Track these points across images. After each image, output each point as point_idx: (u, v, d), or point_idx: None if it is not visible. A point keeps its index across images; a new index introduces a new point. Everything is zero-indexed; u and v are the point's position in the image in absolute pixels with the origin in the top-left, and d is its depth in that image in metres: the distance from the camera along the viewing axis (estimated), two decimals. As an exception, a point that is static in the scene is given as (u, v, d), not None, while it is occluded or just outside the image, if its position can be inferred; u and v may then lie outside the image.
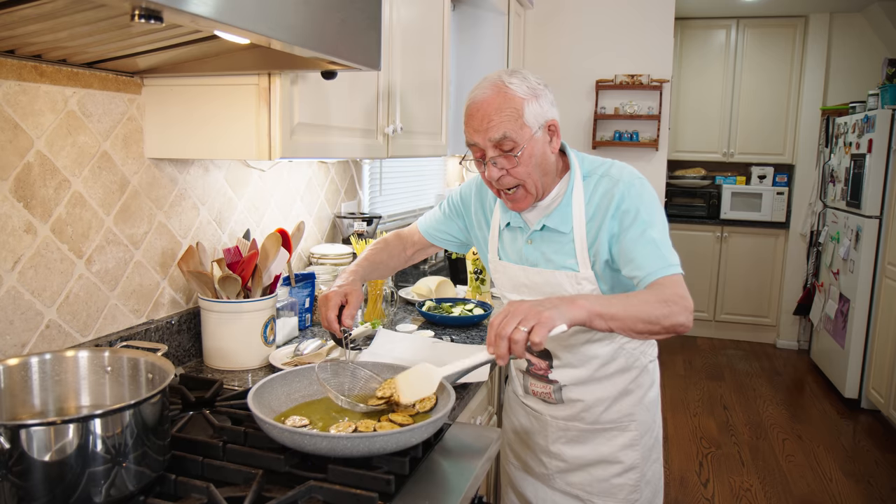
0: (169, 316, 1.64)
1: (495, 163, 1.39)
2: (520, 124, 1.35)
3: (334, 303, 1.46)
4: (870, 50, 5.28)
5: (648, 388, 1.60)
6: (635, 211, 1.39)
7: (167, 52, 1.27)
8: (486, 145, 1.38)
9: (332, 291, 1.49)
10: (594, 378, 1.55)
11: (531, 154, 1.38)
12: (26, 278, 1.27)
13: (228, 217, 1.84)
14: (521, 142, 1.36)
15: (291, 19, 0.99)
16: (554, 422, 1.61)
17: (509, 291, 1.60)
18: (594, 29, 3.94)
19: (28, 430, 0.85)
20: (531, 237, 1.50)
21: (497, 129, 1.35)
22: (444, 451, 1.21)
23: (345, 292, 1.49)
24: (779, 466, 3.50)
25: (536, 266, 1.51)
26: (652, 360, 1.63)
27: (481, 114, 1.37)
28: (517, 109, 1.35)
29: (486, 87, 1.38)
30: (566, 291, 1.47)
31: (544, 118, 1.39)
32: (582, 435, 1.59)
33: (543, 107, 1.38)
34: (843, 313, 4.49)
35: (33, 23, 0.99)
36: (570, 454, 1.61)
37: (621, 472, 1.59)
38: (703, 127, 5.74)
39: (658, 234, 1.38)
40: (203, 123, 1.46)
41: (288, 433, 1.06)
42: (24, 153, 1.25)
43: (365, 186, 2.66)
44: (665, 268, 1.34)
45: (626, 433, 1.58)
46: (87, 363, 1.13)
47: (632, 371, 1.57)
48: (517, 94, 1.35)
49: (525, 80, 1.38)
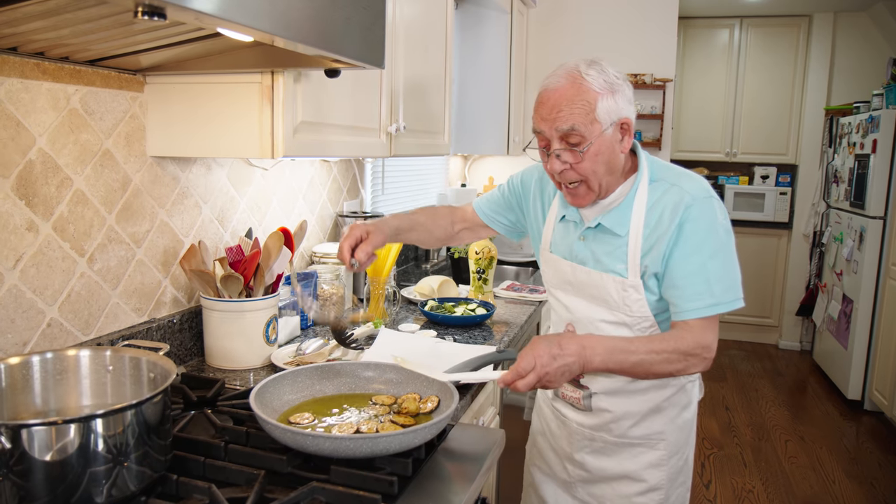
0: (171, 315, 1.64)
1: (559, 155, 1.33)
2: (591, 119, 1.29)
3: (354, 234, 1.46)
4: (874, 49, 5.26)
5: (683, 408, 1.52)
6: (697, 235, 1.32)
7: (170, 50, 1.27)
8: (553, 136, 1.32)
9: (354, 224, 1.49)
10: (626, 390, 1.48)
11: (598, 151, 1.32)
12: (28, 277, 1.27)
13: (231, 216, 1.84)
14: (589, 137, 1.30)
15: (295, 16, 0.99)
16: (580, 430, 1.55)
17: (555, 287, 1.56)
18: (597, 28, 3.93)
19: (29, 429, 0.84)
20: (584, 234, 1.45)
21: (566, 120, 1.29)
22: (447, 453, 1.20)
23: (367, 229, 1.49)
24: (781, 468, 3.49)
25: (585, 265, 1.45)
26: (692, 380, 1.54)
27: (552, 103, 1.31)
28: (590, 103, 1.29)
29: (561, 76, 1.31)
30: (611, 297, 1.41)
31: (618, 115, 1.32)
32: (607, 447, 1.53)
33: (619, 103, 1.31)
34: (846, 314, 4.48)
35: (36, 20, 0.98)
36: (593, 465, 1.55)
37: (644, 492, 1.51)
38: (706, 126, 5.73)
39: (715, 264, 1.32)
40: (206, 121, 1.45)
41: (290, 433, 1.05)
42: (26, 151, 1.24)
43: (367, 185, 2.66)
44: (708, 307, 1.30)
45: (653, 451, 1.50)
46: (89, 362, 1.12)
47: (668, 388, 1.49)
48: (592, 87, 1.29)
49: (603, 73, 1.31)
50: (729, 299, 1.32)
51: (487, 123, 3.46)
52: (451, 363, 1.49)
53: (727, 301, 1.32)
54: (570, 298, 1.51)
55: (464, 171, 4.14)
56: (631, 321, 1.41)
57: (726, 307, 1.32)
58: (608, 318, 1.44)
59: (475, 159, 4.16)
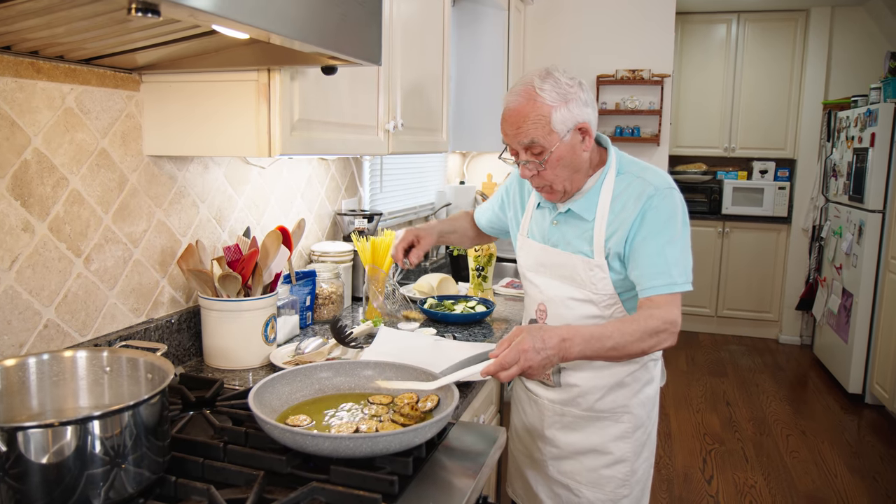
0: (168, 315, 1.63)
1: (526, 164, 1.49)
2: (547, 130, 1.44)
3: (406, 238, 1.77)
4: (871, 43, 5.25)
5: (645, 383, 1.64)
6: (658, 222, 1.46)
7: (166, 48, 1.26)
8: (518, 148, 1.48)
9: (408, 230, 1.77)
10: (593, 365, 1.60)
11: (559, 157, 1.46)
12: (24, 277, 1.26)
13: (228, 215, 1.83)
14: (548, 147, 1.45)
15: (292, 13, 0.98)
16: (551, 406, 1.67)
17: (529, 269, 1.69)
18: (594, 24, 3.92)
19: (25, 432, 0.84)
20: (556, 218, 1.60)
21: (526, 135, 1.45)
22: (447, 451, 1.19)
23: (418, 234, 1.78)
24: (783, 462, 3.49)
25: (556, 247, 1.60)
26: (654, 359, 1.67)
27: (512, 120, 1.46)
28: (545, 117, 1.43)
29: (519, 93, 1.46)
30: (579, 275, 1.55)
31: (574, 122, 1.45)
32: (576, 422, 1.64)
33: (573, 111, 1.45)
34: (846, 308, 4.47)
35: (30, 17, 0.97)
36: (563, 440, 1.66)
37: (611, 464, 1.62)
38: (704, 122, 5.72)
39: (673, 250, 1.45)
40: (202, 120, 1.44)
41: (290, 434, 1.04)
42: (21, 151, 1.23)
43: (365, 183, 2.65)
44: (667, 286, 1.43)
45: (618, 424, 1.62)
46: (86, 363, 1.12)
47: (631, 364, 1.61)
48: (546, 102, 1.43)
49: (556, 85, 1.44)
50: (682, 281, 1.45)
51: (485, 120, 3.45)
52: (451, 361, 1.48)
53: (681, 283, 1.44)
54: (542, 279, 1.65)
55: (462, 168, 4.13)
56: (597, 298, 1.55)
57: (680, 288, 1.44)
58: (576, 295, 1.57)
59: (473, 156, 4.15)
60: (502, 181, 3.96)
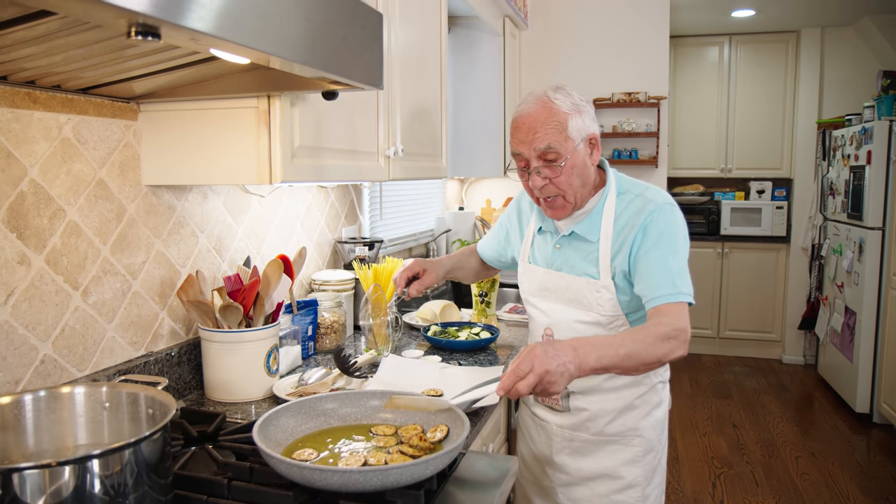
0: (168, 347, 1.59)
1: (539, 172, 1.47)
2: (564, 136, 1.44)
3: (412, 268, 1.73)
4: (862, 62, 5.30)
5: (655, 406, 1.62)
6: (659, 235, 1.45)
7: (164, 76, 1.24)
8: (531, 155, 1.47)
9: (417, 260, 1.74)
10: (602, 388, 1.58)
11: (573, 165, 1.46)
12: (20, 312, 1.23)
13: (228, 244, 1.80)
14: (564, 153, 1.45)
15: (292, 36, 0.96)
16: (559, 431, 1.64)
17: (532, 295, 1.67)
18: (589, 48, 3.94)
19: (21, 473, 0.79)
20: (559, 242, 1.59)
21: (542, 140, 1.44)
22: (459, 483, 1.15)
23: (424, 267, 1.75)
24: (794, 485, 3.43)
25: (560, 270, 1.58)
26: (662, 381, 1.65)
27: (527, 126, 1.46)
28: (561, 123, 1.44)
29: (532, 102, 1.47)
30: (585, 298, 1.53)
31: (586, 132, 1.48)
32: (585, 447, 1.61)
33: (586, 121, 1.47)
34: (849, 326, 4.44)
35: (26, 46, 0.96)
36: (573, 466, 1.63)
37: (622, 489, 1.59)
38: (700, 144, 5.74)
39: (676, 262, 1.44)
40: (201, 148, 1.42)
41: (297, 468, 1.00)
42: (17, 182, 1.21)
43: (365, 211, 2.63)
44: (672, 295, 1.40)
45: (629, 448, 1.59)
46: (84, 399, 1.08)
47: (640, 387, 1.59)
48: (562, 109, 1.45)
49: (569, 97, 1.47)
50: (687, 292, 1.42)
51: (483, 146, 3.44)
52: (458, 388, 1.45)
53: (686, 293, 1.42)
54: (547, 304, 1.63)
55: (461, 194, 4.12)
56: (604, 320, 1.53)
57: (686, 298, 1.41)
58: (583, 318, 1.55)
59: (472, 182, 4.14)
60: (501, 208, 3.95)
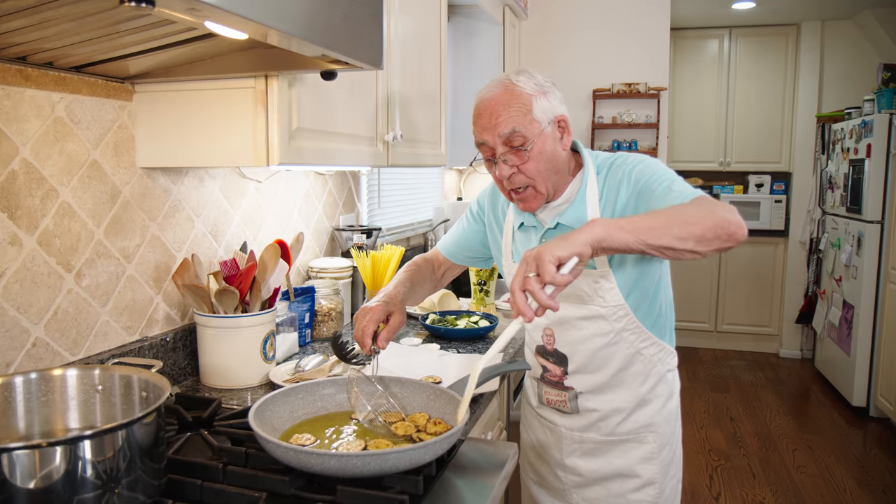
0: (163, 333, 1.57)
1: (505, 160, 1.36)
2: (528, 119, 1.34)
3: (375, 317, 1.36)
4: (862, 56, 5.28)
5: (668, 398, 1.53)
6: (655, 173, 1.35)
7: (159, 55, 1.21)
8: (496, 142, 1.36)
9: (375, 304, 1.39)
10: (610, 385, 1.48)
11: (541, 150, 1.35)
12: (11, 293, 1.20)
13: (224, 230, 1.78)
14: (530, 136, 1.34)
15: (291, 10, 0.94)
16: (569, 434, 1.55)
17: None
18: (589, 39, 3.92)
19: (10, 454, 0.77)
20: (546, 236, 1.46)
21: (506, 124, 1.33)
22: (457, 469, 1.13)
23: (389, 311, 1.41)
24: (791, 478, 3.42)
25: None
26: (671, 369, 1.55)
27: (489, 111, 1.35)
28: (525, 105, 1.34)
29: (494, 86, 1.37)
30: (583, 291, 1.43)
31: (553, 113, 1.37)
32: (597, 448, 1.53)
33: (552, 102, 1.37)
34: (847, 320, 4.44)
35: (16, 17, 0.93)
36: (585, 468, 1.55)
37: (639, 487, 1.52)
38: (699, 137, 5.72)
39: (678, 184, 1.32)
40: (198, 130, 1.39)
41: (293, 452, 0.98)
42: (8, 161, 1.18)
43: (363, 198, 2.60)
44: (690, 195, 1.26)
45: (643, 445, 1.51)
46: (76, 382, 1.05)
47: (650, 379, 1.50)
48: (525, 91, 1.34)
49: (532, 78, 1.37)
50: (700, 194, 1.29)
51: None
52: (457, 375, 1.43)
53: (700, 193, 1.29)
54: None
55: (459, 184, 4.09)
56: (607, 312, 1.43)
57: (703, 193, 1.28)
58: (584, 313, 1.45)
59: (470, 173, 4.12)
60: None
